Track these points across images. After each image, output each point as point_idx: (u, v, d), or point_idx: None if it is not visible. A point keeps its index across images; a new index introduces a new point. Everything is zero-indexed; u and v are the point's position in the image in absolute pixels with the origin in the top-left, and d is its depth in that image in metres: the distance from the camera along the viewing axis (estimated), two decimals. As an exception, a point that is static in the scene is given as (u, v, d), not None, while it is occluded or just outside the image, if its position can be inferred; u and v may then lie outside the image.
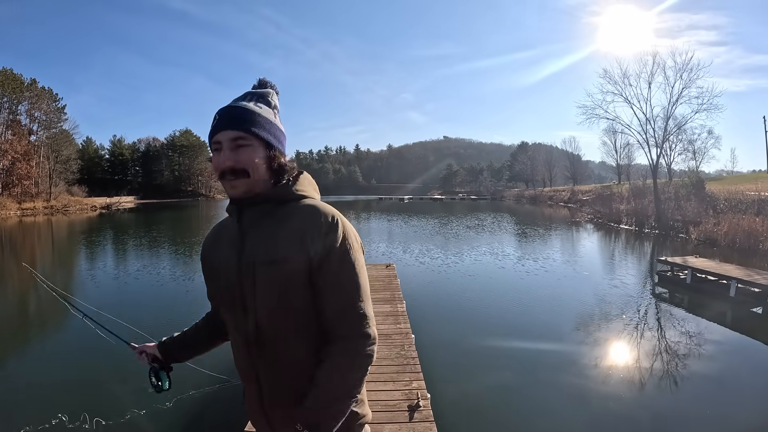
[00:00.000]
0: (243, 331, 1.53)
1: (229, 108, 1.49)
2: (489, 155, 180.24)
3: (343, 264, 1.45)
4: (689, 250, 18.47)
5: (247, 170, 1.45)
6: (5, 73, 64.70)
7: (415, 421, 4.08)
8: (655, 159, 33.36)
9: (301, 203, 1.52)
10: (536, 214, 48.78)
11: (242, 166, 1.45)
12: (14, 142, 62.34)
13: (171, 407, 5.85)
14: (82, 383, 6.60)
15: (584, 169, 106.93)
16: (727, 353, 7.96)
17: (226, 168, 1.45)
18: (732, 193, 28.71)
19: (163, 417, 5.61)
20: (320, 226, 1.44)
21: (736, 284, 10.66)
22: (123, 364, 6.95)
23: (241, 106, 1.49)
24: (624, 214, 32.99)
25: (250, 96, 1.55)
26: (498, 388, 6.43)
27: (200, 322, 1.95)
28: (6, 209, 54.05)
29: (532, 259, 17.20)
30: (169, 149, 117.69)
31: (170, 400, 6.07)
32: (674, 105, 31.83)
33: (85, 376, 6.78)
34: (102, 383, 6.43)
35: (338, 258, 1.44)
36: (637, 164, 62.61)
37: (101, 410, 5.67)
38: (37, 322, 10.41)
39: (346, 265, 1.45)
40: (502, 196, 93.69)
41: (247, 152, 1.46)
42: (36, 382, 6.68)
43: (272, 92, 1.61)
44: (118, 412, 5.61)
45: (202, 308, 1.93)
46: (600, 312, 10.09)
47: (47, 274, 17.75)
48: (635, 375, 6.80)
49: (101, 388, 6.29)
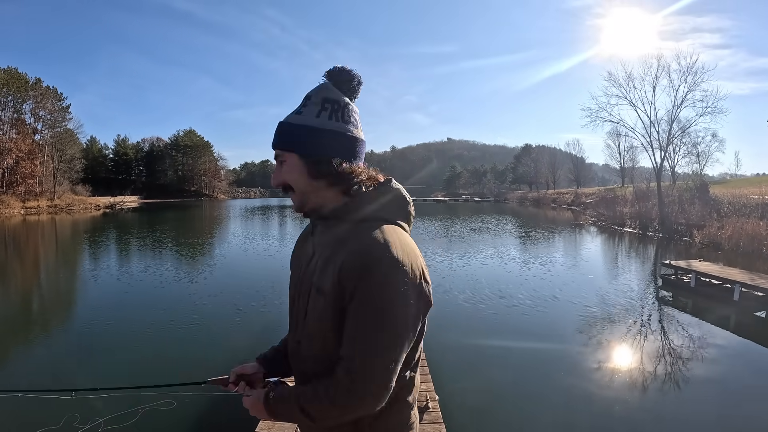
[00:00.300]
0: (291, 339, 1.55)
1: (278, 124, 1.47)
2: (492, 157, 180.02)
3: (370, 306, 1.24)
4: (693, 254, 18.50)
5: (290, 184, 1.43)
6: (10, 72, 64.89)
7: (424, 422, 4.14)
8: (659, 162, 33.38)
9: (362, 227, 1.33)
10: (540, 216, 48.69)
11: (286, 182, 1.43)
12: (18, 140, 62.50)
13: (179, 406, 5.90)
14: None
15: (588, 171, 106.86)
16: (730, 357, 7.99)
17: (277, 186, 1.47)
18: (736, 196, 28.72)
19: (172, 417, 5.65)
20: (360, 260, 1.25)
21: (740, 288, 10.67)
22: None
23: (282, 121, 1.45)
24: (627, 217, 32.91)
25: (302, 101, 1.45)
26: (504, 390, 6.50)
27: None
28: (10, 208, 54.20)
29: (536, 262, 17.21)
30: (173, 149, 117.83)
31: (180, 399, 6.13)
32: (678, 108, 31.90)
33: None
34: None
35: (366, 299, 1.24)
36: (640, 167, 62.77)
37: (107, 408, 5.74)
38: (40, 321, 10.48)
39: (372, 307, 1.24)
40: (505, 199, 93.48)
41: (285, 167, 1.43)
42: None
43: (325, 86, 1.45)
44: (127, 410, 5.67)
45: (204, 310, 1.90)
46: (604, 315, 10.12)
47: (50, 273, 17.87)
48: (639, 378, 6.84)
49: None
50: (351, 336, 1.25)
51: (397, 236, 1.32)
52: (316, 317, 1.35)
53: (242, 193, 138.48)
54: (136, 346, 8.27)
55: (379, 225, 1.33)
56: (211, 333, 8.83)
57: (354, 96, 1.49)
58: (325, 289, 1.30)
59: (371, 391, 1.25)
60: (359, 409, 1.28)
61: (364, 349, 1.23)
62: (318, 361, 1.37)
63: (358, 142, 1.45)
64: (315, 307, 1.35)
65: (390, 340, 1.25)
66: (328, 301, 1.30)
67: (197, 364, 7.46)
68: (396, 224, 1.40)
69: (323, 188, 1.40)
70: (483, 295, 12.02)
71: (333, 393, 1.25)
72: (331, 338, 1.32)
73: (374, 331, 1.23)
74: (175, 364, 7.39)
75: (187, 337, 8.68)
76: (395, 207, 1.44)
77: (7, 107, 65.61)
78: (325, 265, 1.34)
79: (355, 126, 1.45)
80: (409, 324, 1.28)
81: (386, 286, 1.23)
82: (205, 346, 8.25)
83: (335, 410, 1.28)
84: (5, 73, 64.26)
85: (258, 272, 16.01)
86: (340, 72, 1.45)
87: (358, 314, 1.24)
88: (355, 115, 1.45)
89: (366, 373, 1.23)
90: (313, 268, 1.39)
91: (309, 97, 1.43)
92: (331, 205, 1.41)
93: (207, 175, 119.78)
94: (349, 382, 1.23)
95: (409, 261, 1.28)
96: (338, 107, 1.41)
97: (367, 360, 1.23)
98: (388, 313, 1.24)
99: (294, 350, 1.50)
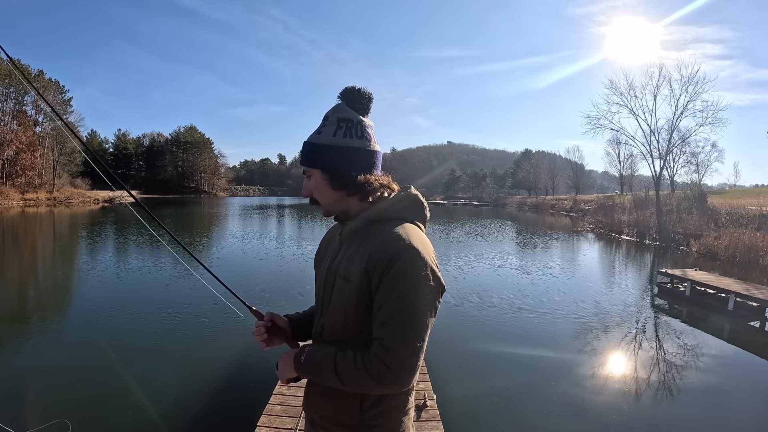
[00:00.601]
0: (316, 324, 1.72)
1: (303, 144, 1.67)
2: (492, 161, 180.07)
3: (396, 293, 1.42)
4: (689, 263, 18.61)
5: (317, 198, 1.66)
6: (12, 63, 64.79)
7: (422, 420, 4.23)
8: (658, 171, 33.50)
9: (385, 225, 1.54)
10: (538, 222, 48.80)
11: (313, 196, 1.67)
12: (19, 132, 62.53)
13: (185, 399, 5.99)
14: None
15: (587, 178, 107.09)
16: (724, 366, 8.07)
17: (307, 197, 1.69)
18: (734, 207, 28.88)
19: (176, 409, 5.73)
20: (387, 254, 1.44)
21: (735, 298, 10.78)
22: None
23: (307, 140, 1.66)
24: (625, 225, 33.08)
25: (321, 121, 1.65)
26: (500, 391, 6.58)
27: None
28: (9, 199, 54.23)
29: (533, 268, 17.32)
30: (174, 145, 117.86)
31: (186, 391, 6.21)
32: (679, 117, 31.95)
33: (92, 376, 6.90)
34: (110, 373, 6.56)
35: (393, 287, 1.42)
36: (640, 175, 62.77)
37: (110, 400, 5.82)
38: (37, 311, 10.53)
39: (399, 295, 1.42)
40: (504, 203, 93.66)
41: (312, 181, 1.65)
42: (41, 377, 6.80)
43: (339, 107, 1.64)
44: (126, 402, 5.75)
45: (205, 309, 1.97)
46: (600, 322, 10.21)
47: (47, 264, 17.92)
48: (632, 385, 6.91)
49: (111, 379, 6.41)
50: (383, 319, 1.43)
51: (414, 232, 1.53)
52: (341, 303, 1.56)
53: (241, 190, 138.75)
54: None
55: (400, 223, 1.54)
56: (213, 331, 8.87)
57: (366, 112, 1.67)
58: (352, 277, 1.51)
59: (400, 371, 1.40)
60: (387, 386, 1.44)
61: (396, 329, 1.41)
62: (339, 344, 1.55)
63: (373, 154, 1.65)
64: (341, 294, 1.56)
65: (417, 324, 1.42)
66: (353, 287, 1.50)
67: (208, 359, 7.52)
68: (414, 224, 1.60)
69: (345, 197, 1.62)
70: (481, 299, 12.10)
71: (369, 363, 1.41)
72: (353, 322, 1.53)
73: (403, 313, 1.41)
74: (174, 362, 7.45)
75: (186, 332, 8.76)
76: (414, 209, 1.64)
77: (9, 99, 65.64)
78: (351, 257, 1.55)
79: (369, 140, 1.65)
80: (429, 305, 1.46)
81: (409, 273, 1.43)
82: (207, 343, 8.32)
83: (365, 379, 1.43)
84: (7, 65, 64.23)
85: (257, 273, 16.07)
86: (351, 92, 1.64)
87: (387, 299, 1.42)
88: (368, 130, 1.65)
89: (399, 352, 1.40)
90: (340, 259, 1.61)
91: (327, 118, 1.63)
92: (355, 209, 1.62)
93: (207, 172, 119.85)
94: (384, 357, 1.39)
95: (425, 251, 1.48)
96: (352, 125, 1.61)
97: (398, 340, 1.40)
98: (414, 296, 1.42)
99: (317, 333, 1.69)
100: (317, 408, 1.67)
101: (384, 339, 1.41)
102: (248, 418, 4.62)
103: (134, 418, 5.43)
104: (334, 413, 1.61)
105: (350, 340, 1.53)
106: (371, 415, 1.57)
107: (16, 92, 65.93)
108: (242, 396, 5.96)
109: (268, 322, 1.82)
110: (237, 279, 13.51)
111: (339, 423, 1.61)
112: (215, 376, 6.72)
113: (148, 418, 5.50)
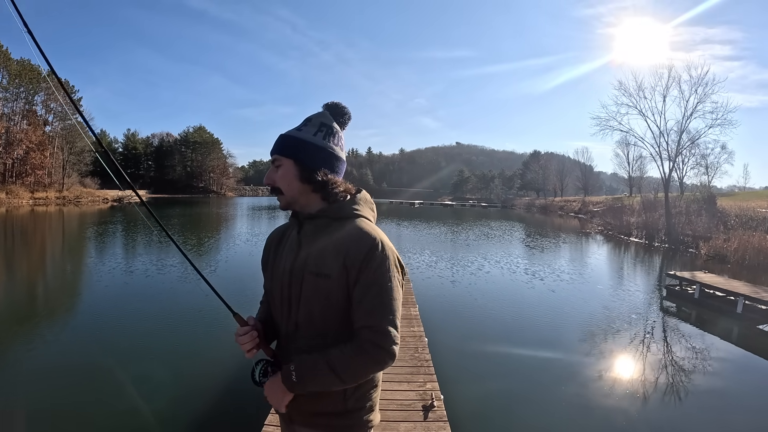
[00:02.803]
0: (284, 323, 1.77)
1: (278, 136, 1.78)
2: (501, 163, 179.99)
3: (377, 282, 1.60)
4: (698, 266, 18.48)
5: (281, 188, 1.74)
6: (22, 63, 65.36)
7: (429, 420, 4.24)
8: (668, 172, 33.37)
9: (353, 222, 1.69)
10: (546, 223, 48.62)
11: (276, 185, 1.75)
12: (29, 131, 63.02)
13: (191, 400, 6.03)
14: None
15: (596, 180, 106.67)
16: (732, 370, 8.02)
17: (268, 185, 1.77)
18: (743, 209, 28.69)
19: (183, 409, 5.77)
20: (362, 248, 1.60)
21: (744, 301, 10.70)
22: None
23: (284, 133, 1.78)
24: (634, 227, 32.90)
25: (303, 122, 1.80)
26: (507, 392, 6.58)
27: (266, 305, 1.99)
28: (19, 198, 54.68)
29: (541, 269, 17.29)
30: (182, 145, 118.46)
31: (188, 392, 6.25)
32: (688, 119, 31.84)
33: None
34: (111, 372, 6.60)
35: (374, 277, 1.59)
36: (649, 177, 62.61)
37: (114, 399, 5.86)
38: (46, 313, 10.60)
39: (379, 283, 1.60)
40: (512, 205, 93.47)
41: (281, 171, 1.74)
42: (42, 371, 6.86)
43: (323, 114, 1.81)
44: (131, 402, 5.78)
45: (211, 309, 1.98)
46: (608, 324, 10.17)
47: (56, 262, 18.03)
48: (640, 388, 6.88)
49: (114, 378, 6.45)
50: (370, 307, 1.60)
51: (375, 226, 1.72)
52: (317, 298, 1.65)
53: (250, 191, 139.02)
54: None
55: (360, 219, 1.71)
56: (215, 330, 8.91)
57: (344, 126, 1.86)
58: (328, 272, 1.62)
59: (392, 346, 1.59)
60: (385, 363, 1.60)
61: (381, 314, 1.59)
62: (318, 337, 1.67)
63: (341, 161, 1.81)
64: (315, 290, 1.65)
65: (395, 304, 1.62)
66: (332, 282, 1.62)
67: (215, 356, 7.56)
68: (368, 220, 1.76)
69: (309, 192, 1.74)
70: (487, 299, 12.11)
71: (367, 351, 1.58)
72: (332, 315, 1.65)
73: (384, 299, 1.60)
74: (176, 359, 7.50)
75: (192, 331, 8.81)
76: (367, 208, 1.80)
77: (19, 98, 66.22)
78: (320, 253, 1.66)
79: (341, 149, 1.82)
80: (399, 286, 1.67)
81: (384, 263, 1.62)
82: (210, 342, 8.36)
83: (368, 367, 1.61)
84: (18, 65, 64.73)
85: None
86: (336, 106, 1.83)
87: (370, 289, 1.59)
88: (342, 141, 1.82)
89: (387, 333, 1.58)
90: (305, 257, 1.70)
91: (309, 120, 1.79)
92: (316, 206, 1.75)
93: (215, 172, 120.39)
94: (380, 341, 1.57)
95: (388, 242, 1.68)
96: (331, 132, 1.78)
97: (384, 323, 1.58)
98: (391, 283, 1.62)
99: (291, 333, 1.75)
100: (297, 405, 1.72)
101: (374, 325, 1.58)
102: (255, 418, 4.64)
103: (140, 418, 5.46)
104: (319, 405, 1.71)
105: (327, 334, 1.66)
106: (354, 399, 1.72)
107: (26, 92, 66.44)
108: (249, 396, 5.97)
109: (255, 328, 1.81)
110: (238, 282, 13.54)
111: (324, 414, 1.72)
112: (222, 376, 6.75)
113: (155, 418, 5.53)
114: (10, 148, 60.59)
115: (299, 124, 1.79)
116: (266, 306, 1.97)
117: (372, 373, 1.65)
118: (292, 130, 1.77)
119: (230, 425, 5.40)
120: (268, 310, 1.93)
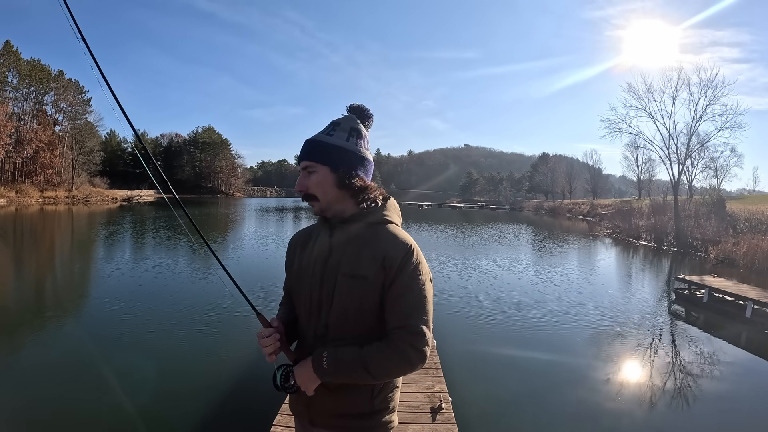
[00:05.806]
0: (313, 325, 1.76)
1: (306, 141, 1.77)
2: (509, 165, 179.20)
3: (413, 285, 1.64)
4: (707, 269, 18.38)
5: (315, 194, 1.73)
6: (33, 63, 65.95)
7: (437, 422, 4.26)
8: (677, 175, 33.28)
9: (386, 228, 1.73)
10: (555, 226, 48.44)
11: (311, 192, 1.74)
12: (39, 131, 63.52)
13: (200, 398, 6.06)
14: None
15: (605, 182, 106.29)
16: (740, 374, 8.00)
17: (301, 192, 1.76)
18: (753, 213, 28.47)
19: (192, 407, 5.80)
20: (399, 251, 1.65)
21: (753, 305, 10.65)
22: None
23: (313, 138, 1.77)
24: (643, 230, 32.78)
25: (329, 126, 1.79)
26: (515, 395, 6.60)
27: (287, 307, 1.98)
28: (28, 197, 55.17)
29: (550, 272, 17.24)
30: (191, 145, 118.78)
31: (201, 390, 6.28)
32: (698, 122, 31.72)
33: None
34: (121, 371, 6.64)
35: (410, 280, 1.63)
36: (658, 180, 62.10)
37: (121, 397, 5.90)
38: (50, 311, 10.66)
39: (415, 286, 1.64)
40: (521, 207, 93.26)
41: (314, 178, 1.72)
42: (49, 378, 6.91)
43: (351, 117, 1.82)
44: (141, 399, 5.82)
45: (221, 307, 1.95)
46: (616, 327, 10.13)
47: (64, 260, 18.15)
48: (647, 392, 6.86)
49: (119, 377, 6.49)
50: (407, 309, 1.62)
51: (406, 233, 1.76)
52: (351, 301, 1.67)
53: (258, 191, 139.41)
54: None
55: (392, 225, 1.76)
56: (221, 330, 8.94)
57: (368, 129, 1.86)
58: (365, 274, 1.65)
59: (425, 347, 1.60)
60: (416, 364, 1.61)
61: (417, 316, 1.61)
62: (346, 339, 1.68)
63: (371, 165, 1.84)
64: (349, 292, 1.67)
65: (429, 307, 1.66)
66: (368, 284, 1.65)
67: (222, 355, 7.60)
68: (397, 225, 1.80)
69: (346, 198, 1.75)
70: (495, 302, 12.10)
71: (402, 350, 1.58)
72: (366, 317, 1.68)
73: (419, 301, 1.63)
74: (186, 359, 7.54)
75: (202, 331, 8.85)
76: (396, 214, 1.83)
77: (29, 98, 66.80)
78: (356, 256, 1.68)
79: (370, 153, 1.84)
80: (431, 290, 1.71)
81: (418, 267, 1.67)
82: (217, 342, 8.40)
83: (400, 366, 1.62)
84: (28, 65, 65.31)
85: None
86: (361, 109, 1.84)
87: (406, 292, 1.63)
88: (369, 144, 1.83)
89: (422, 334, 1.60)
90: (338, 259, 1.72)
91: (338, 124, 1.78)
92: (350, 211, 1.76)
93: (224, 173, 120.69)
94: (414, 342, 1.58)
95: (418, 247, 1.72)
96: (361, 137, 1.79)
97: (419, 324, 1.60)
98: (426, 286, 1.67)
99: (320, 333, 1.74)
100: (322, 407, 1.75)
101: (409, 326, 1.60)
102: (264, 418, 4.67)
103: (149, 415, 5.49)
104: (347, 406, 1.73)
105: (359, 336, 1.67)
106: (380, 399, 1.74)
107: (36, 92, 66.95)
108: (258, 395, 6.00)
109: (278, 330, 1.80)
110: (251, 282, 13.59)
111: (351, 415, 1.73)
112: (231, 374, 6.80)
113: (164, 416, 5.58)
114: (20, 148, 61.08)
115: (326, 127, 1.78)
116: (287, 308, 1.97)
117: (402, 373, 1.67)
118: (321, 135, 1.76)
119: (239, 425, 5.42)
120: (288, 312, 1.93)
